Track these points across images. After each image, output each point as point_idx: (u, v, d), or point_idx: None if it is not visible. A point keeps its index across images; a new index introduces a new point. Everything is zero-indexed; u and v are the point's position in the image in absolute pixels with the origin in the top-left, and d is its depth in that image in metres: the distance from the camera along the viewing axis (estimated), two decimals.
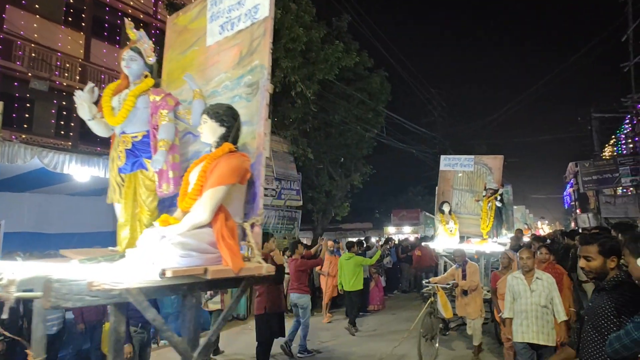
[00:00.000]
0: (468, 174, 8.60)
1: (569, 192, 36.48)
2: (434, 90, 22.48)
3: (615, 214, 16.86)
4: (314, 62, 11.27)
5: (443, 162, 9.04)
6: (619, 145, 21.93)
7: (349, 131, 13.68)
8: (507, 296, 4.29)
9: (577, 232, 10.44)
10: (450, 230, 7.90)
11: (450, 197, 8.57)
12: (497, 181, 8.16)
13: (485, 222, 7.83)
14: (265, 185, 11.08)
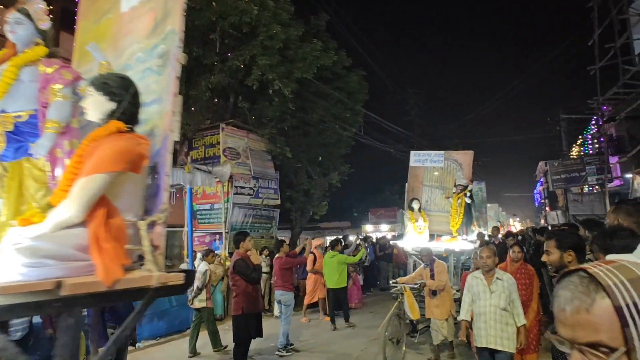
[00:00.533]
0: (438, 170, 8.20)
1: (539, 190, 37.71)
2: (411, 90, 22.75)
3: (583, 211, 17.49)
4: (292, 60, 11.16)
5: (413, 158, 8.53)
6: (585, 146, 22.76)
7: (327, 130, 13.64)
8: (465, 297, 4.01)
9: (547, 229, 10.83)
10: (419, 228, 7.51)
11: (420, 194, 8.13)
12: (467, 177, 7.83)
13: (455, 220, 7.49)
14: (242, 184, 10.96)
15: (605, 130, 15.92)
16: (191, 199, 8.44)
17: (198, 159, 11.70)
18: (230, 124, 11.55)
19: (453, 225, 7.54)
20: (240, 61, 10.33)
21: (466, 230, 7.55)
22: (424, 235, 7.50)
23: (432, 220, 7.78)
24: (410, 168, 8.46)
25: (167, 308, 7.47)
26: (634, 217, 2.54)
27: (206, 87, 10.70)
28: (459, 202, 7.56)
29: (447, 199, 7.90)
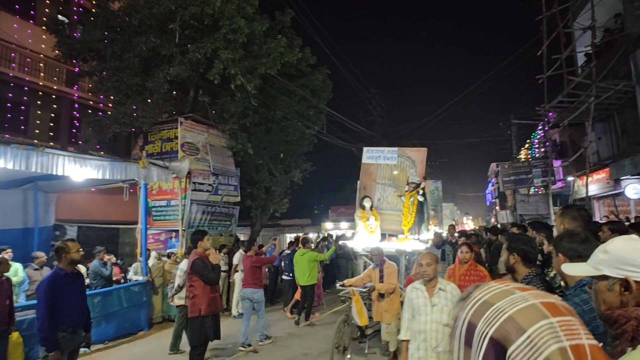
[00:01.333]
0: (391, 167, 7.81)
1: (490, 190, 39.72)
2: (374, 90, 23.11)
3: (529, 211, 18.61)
4: (255, 55, 10.95)
5: (366, 154, 8.02)
6: (532, 149, 24.21)
7: (290, 127, 13.55)
8: (404, 312, 3.41)
9: (497, 228, 11.40)
10: (370, 227, 7.09)
11: (373, 192, 7.71)
12: (419, 175, 7.53)
13: (407, 218, 7.14)
14: (201, 181, 10.64)
15: (550, 135, 17.02)
16: (146, 195, 8.06)
17: (154, 154, 11.23)
18: (189, 118, 11.17)
19: (405, 224, 7.15)
20: (201, 54, 9.99)
21: (418, 229, 7.20)
22: (376, 234, 7.09)
23: (384, 219, 7.40)
24: (362, 165, 8.00)
25: (116, 310, 7.10)
26: (577, 221, 2.72)
27: (164, 79, 10.28)
28: (412, 200, 7.18)
29: (399, 197, 7.52)
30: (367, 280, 5.61)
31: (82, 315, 3.94)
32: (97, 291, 7.00)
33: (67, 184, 8.01)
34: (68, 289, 3.82)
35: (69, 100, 13.23)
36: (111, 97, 11.28)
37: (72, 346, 3.83)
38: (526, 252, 2.56)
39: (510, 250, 2.64)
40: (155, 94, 10.62)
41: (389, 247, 6.62)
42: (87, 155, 6.73)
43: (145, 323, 7.76)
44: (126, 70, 10.60)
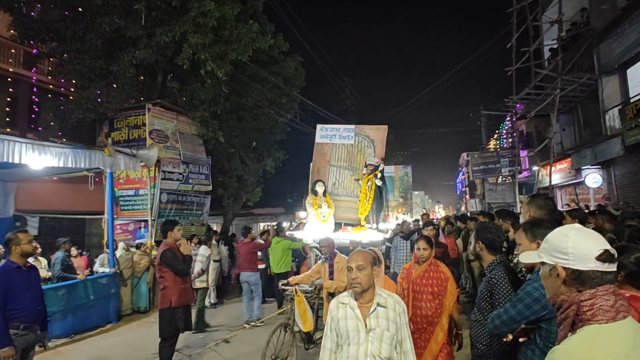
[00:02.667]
0: (348, 148, 7.03)
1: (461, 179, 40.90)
2: (347, 79, 23.13)
3: (496, 199, 19.31)
4: (226, 40, 10.69)
5: (320, 132, 7.17)
6: (501, 140, 25.03)
7: (262, 115, 13.40)
8: (325, 340, 2.41)
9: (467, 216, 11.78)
10: (323, 215, 6.33)
11: (327, 176, 6.94)
12: (378, 156, 6.80)
13: (364, 205, 6.37)
14: (171, 169, 10.40)
15: (517, 126, 17.62)
16: (112, 184, 7.82)
17: (120, 141, 10.87)
18: (157, 105, 10.84)
19: (362, 212, 6.36)
20: (169, 37, 9.67)
21: (376, 217, 6.41)
22: (329, 224, 6.35)
23: (340, 206, 6.71)
24: (316, 145, 7.12)
25: (83, 302, 6.91)
26: (543, 210, 2.85)
27: (130, 63, 9.90)
28: (369, 185, 6.38)
29: (356, 181, 6.78)
30: (316, 277, 4.93)
31: (37, 311, 3.77)
32: (62, 284, 6.78)
33: (27, 172, 7.65)
34: (20, 283, 3.65)
35: (26, 83, 12.53)
36: (73, 80, 10.77)
37: (25, 344, 3.68)
38: (491, 240, 2.67)
39: (477, 238, 2.75)
40: (121, 78, 10.23)
41: (342, 238, 5.96)
42: (47, 142, 6.44)
43: (114, 316, 7.60)
44: (88, 52, 10.13)
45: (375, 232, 6.08)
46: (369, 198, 6.34)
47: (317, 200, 6.44)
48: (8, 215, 8.98)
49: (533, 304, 2.09)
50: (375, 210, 6.37)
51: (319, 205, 6.40)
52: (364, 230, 6.08)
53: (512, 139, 20.10)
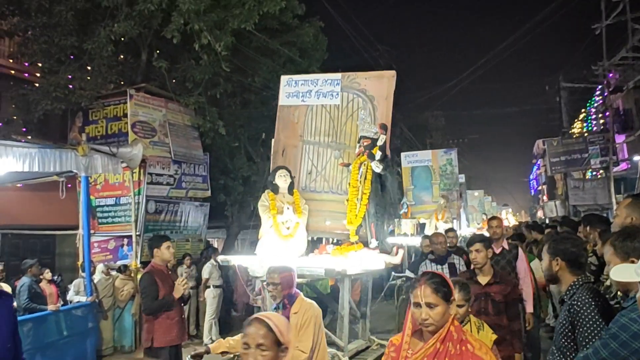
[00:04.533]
0: (331, 112, 5.64)
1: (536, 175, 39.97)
2: (382, 47, 22.99)
3: (584, 200, 18.73)
4: (225, 5, 10.81)
5: (285, 90, 5.91)
6: (589, 121, 24.30)
7: (274, 99, 13.49)
8: None
9: (543, 224, 11.50)
10: (286, 226, 5.13)
11: (298, 160, 5.69)
12: (382, 119, 5.35)
13: (354, 208, 5.02)
14: (159, 171, 10.65)
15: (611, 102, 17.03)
16: (87, 192, 8.04)
17: (97, 137, 11.18)
18: (141, 90, 11.11)
19: (351, 220, 5.06)
20: (154, 4, 9.89)
21: (375, 228, 5.10)
22: (297, 240, 5.12)
23: (319, 210, 5.51)
24: (279, 110, 5.96)
25: (54, 340, 7.15)
26: None
27: (107, 39, 10.19)
28: (362, 172, 5.08)
29: (345, 166, 5.46)
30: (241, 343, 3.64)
31: (7, 348, 3.92)
32: (29, 317, 7.03)
33: None
34: None
35: None
36: (39, 64, 11.16)
37: None
38: (576, 255, 2.57)
39: (553, 253, 2.64)
40: (97, 59, 10.53)
41: (314, 267, 4.68)
42: (9, 141, 6.70)
43: (92, 355, 7.82)
44: (57, 28, 10.47)
45: (374, 253, 4.92)
46: (363, 195, 5.02)
47: (277, 202, 5.25)
48: None
49: (632, 342, 2.03)
50: (375, 216, 5.06)
51: (278, 210, 5.18)
52: (354, 251, 4.87)
53: (605, 120, 19.49)
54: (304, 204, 5.41)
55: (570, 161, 18.85)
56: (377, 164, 5.01)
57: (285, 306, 3.82)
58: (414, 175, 14.39)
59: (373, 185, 5.07)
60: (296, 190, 5.47)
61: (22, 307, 7.26)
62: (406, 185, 14.14)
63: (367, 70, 6.19)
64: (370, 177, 5.05)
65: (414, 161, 14.69)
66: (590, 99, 22.82)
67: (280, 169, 5.43)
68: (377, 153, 5.05)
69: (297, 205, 5.32)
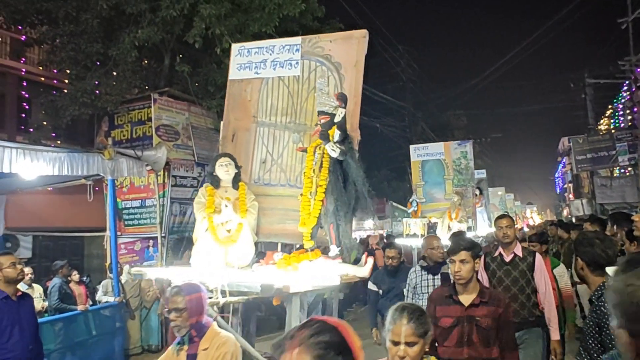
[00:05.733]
0: (290, 86, 4.74)
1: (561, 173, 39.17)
2: (403, 47, 22.86)
3: (612, 199, 18.27)
4: (246, 9, 10.92)
5: (236, 60, 5.01)
6: (616, 117, 23.73)
7: None
8: None
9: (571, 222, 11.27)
10: (226, 228, 4.13)
11: (250, 147, 4.80)
12: (351, 92, 4.30)
13: (307, 205, 4.00)
14: (183, 173, 10.79)
15: (638, 97, 16.60)
16: (114, 194, 8.21)
17: (123, 141, 11.40)
18: (165, 94, 11.28)
19: (305, 220, 4.00)
20: (177, 10, 10.05)
21: (336, 230, 3.94)
22: (241, 245, 4.15)
23: (273, 207, 4.52)
24: (229, 86, 5.05)
25: (84, 339, 7.32)
26: None
27: (132, 45, 10.39)
28: (317, 158, 4.03)
29: (305, 153, 4.38)
30: None
31: (29, 349, 4.01)
32: (59, 316, 7.22)
33: (18, 183, 8.22)
34: (8, 315, 3.90)
35: (15, 76, 13.50)
36: (67, 70, 11.46)
37: None
38: (593, 256, 2.56)
39: (576, 254, 2.68)
40: (121, 64, 10.75)
41: (248, 282, 3.63)
42: (40, 147, 6.89)
43: (120, 355, 7.97)
44: (84, 35, 10.74)
45: (333, 263, 3.83)
46: (318, 188, 3.93)
47: (217, 198, 4.21)
48: None
49: None
50: (335, 215, 3.88)
51: (216, 209, 4.15)
52: (307, 261, 3.82)
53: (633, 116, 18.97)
54: (251, 201, 4.33)
55: (596, 159, 18.44)
56: (333, 146, 3.83)
57: (192, 339, 3.05)
58: (425, 170, 12.89)
59: (331, 176, 3.92)
60: (242, 184, 4.40)
61: (52, 307, 7.46)
62: (416, 181, 12.79)
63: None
64: (327, 164, 3.94)
65: (424, 154, 13.13)
66: (617, 95, 22.29)
67: (221, 157, 4.36)
68: (335, 133, 3.89)
69: (242, 202, 4.24)
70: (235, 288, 3.73)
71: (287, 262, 3.81)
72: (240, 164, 4.50)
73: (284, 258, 3.91)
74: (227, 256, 4.09)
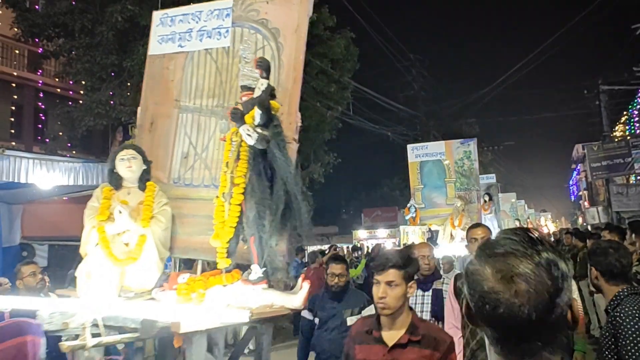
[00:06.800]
0: (219, 61, 3.82)
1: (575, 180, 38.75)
2: (414, 56, 22.86)
3: (628, 206, 17.98)
4: None
5: (157, 32, 4.20)
6: (631, 124, 23.44)
7: (306, 109, 13.60)
8: None
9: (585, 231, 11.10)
10: (125, 241, 3.23)
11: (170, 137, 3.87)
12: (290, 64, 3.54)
13: (221, 212, 3.09)
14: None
15: None
16: None
17: None
18: None
19: (218, 232, 3.07)
20: None
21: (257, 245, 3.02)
22: (144, 264, 3.21)
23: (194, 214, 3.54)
24: (148, 64, 4.28)
25: None
26: None
27: (145, 56, 10.51)
28: (234, 149, 3.13)
29: None
30: None
31: None
32: None
33: (34, 192, 8.33)
34: None
35: (31, 88, 13.78)
36: (82, 82, 11.65)
37: None
38: (608, 266, 2.55)
39: (590, 263, 2.70)
40: (136, 75, 10.89)
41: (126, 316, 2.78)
42: (56, 157, 7.02)
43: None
44: (99, 47, 10.93)
45: (255, 289, 2.92)
46: (234, 188, 3.01)
47: (113, 202, 3.28)
48: (14, 243, 9.78)
49: None
50: (256, 224, 2.94)
51: (111, 215, 3.20)
52: (221, 287, 2.97)
53: None
54: (161, 206, 3.32)
55: (612, 166, 18.20)
56: (249, 130, 2.84)
57: None
58: (424, 172, 11.66)
59: (252, 172, 2.97)
60: (151, 184, 3.39)
61: None
62: (414, 185, 11.59)
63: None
64: (245, 156, 2.97)
65: (423, 154, 11.88)
66: (632, 101, 22.04)
67: (123, 150, 3.39)
68: (255, 113, 2.90)
69: (147, 207, 3.23)
70: (117, 322, 2.76)
71: (191, 288, 2.86)
72: (158, 159, 3.64)
73: (187, 282, 2.91)
74: (125, 278, 3.13)
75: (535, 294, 0.91)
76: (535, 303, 0.91)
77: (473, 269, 0.99)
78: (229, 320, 2.85)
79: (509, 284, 0.92)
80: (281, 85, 3.36)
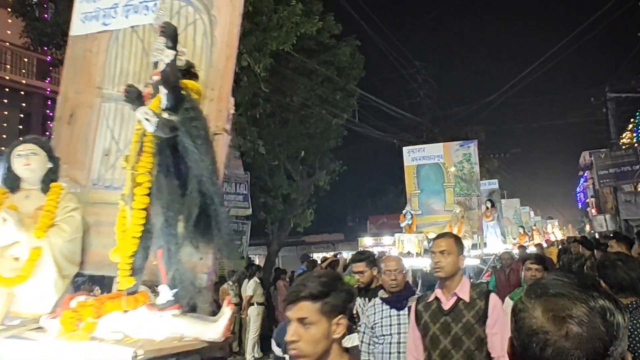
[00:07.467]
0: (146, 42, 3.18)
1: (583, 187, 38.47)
2: (419, 63, 22.88)
3: (637, 214, 17.84)
4: (264, 28, 11.06)
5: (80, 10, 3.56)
6: (639, 131, 23.29)
7: (312, 117, 13.62)
8: None
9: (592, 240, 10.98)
10: (15, 256, 2.59)
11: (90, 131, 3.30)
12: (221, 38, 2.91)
13: (124, 216, 2.49)
14: None
15: None
16: None
17: None
18: None
19: (120, 245, 2.47)
20: None
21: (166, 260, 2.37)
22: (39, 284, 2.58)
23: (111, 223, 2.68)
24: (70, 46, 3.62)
25: None
26: None
27: None
28: (138, 135, 2.54)
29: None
30: None
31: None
32: None
33: None
34: None
35: (40, 96, 13.90)
36: None
37: None
38: (617, 279, 2.54)
39: (598, 276, 2.69)
40: None
41: None
42: None
43: None
44: None
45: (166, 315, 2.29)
46: (136, 187, 2.41)
47: (1, 208, 2.66)
48: None
49: None
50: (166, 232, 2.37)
51: None
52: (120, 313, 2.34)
53: None
54: (68, 211, 2.75)
55: (620, 174, 18.09)
56: (146, 113, 2.29)
57: None
58: (420, 176, 10.92)
59: (158, 169, 2.41)
60: (57, 185, 2.82)
61: None
62: (410, 190, 10.90)
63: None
64: (149, 149, 2.40)
65: (420, 157, 11.08)
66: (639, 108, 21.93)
67: (21, 144, 2.81)
68: (161, 93, 2.37)
69: (47, 213, 2.67)
70: None
71: (78, 315, 2.25)
72: (77, 157, 3.20)
73: (77, 306, 2.31)
74: (12, 301, 2.55)
75: (587, 338, 0.86)
76: (587, 349, 0.85)
77: (521, 307, 0.95)
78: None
79: (560, 324, 0.87)
80: (213, 65, 2.90)
